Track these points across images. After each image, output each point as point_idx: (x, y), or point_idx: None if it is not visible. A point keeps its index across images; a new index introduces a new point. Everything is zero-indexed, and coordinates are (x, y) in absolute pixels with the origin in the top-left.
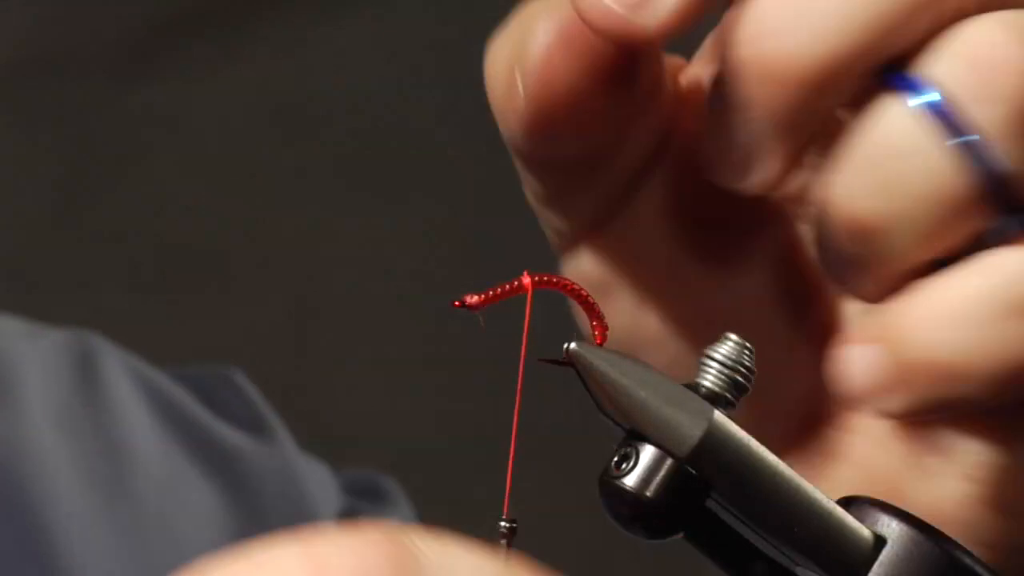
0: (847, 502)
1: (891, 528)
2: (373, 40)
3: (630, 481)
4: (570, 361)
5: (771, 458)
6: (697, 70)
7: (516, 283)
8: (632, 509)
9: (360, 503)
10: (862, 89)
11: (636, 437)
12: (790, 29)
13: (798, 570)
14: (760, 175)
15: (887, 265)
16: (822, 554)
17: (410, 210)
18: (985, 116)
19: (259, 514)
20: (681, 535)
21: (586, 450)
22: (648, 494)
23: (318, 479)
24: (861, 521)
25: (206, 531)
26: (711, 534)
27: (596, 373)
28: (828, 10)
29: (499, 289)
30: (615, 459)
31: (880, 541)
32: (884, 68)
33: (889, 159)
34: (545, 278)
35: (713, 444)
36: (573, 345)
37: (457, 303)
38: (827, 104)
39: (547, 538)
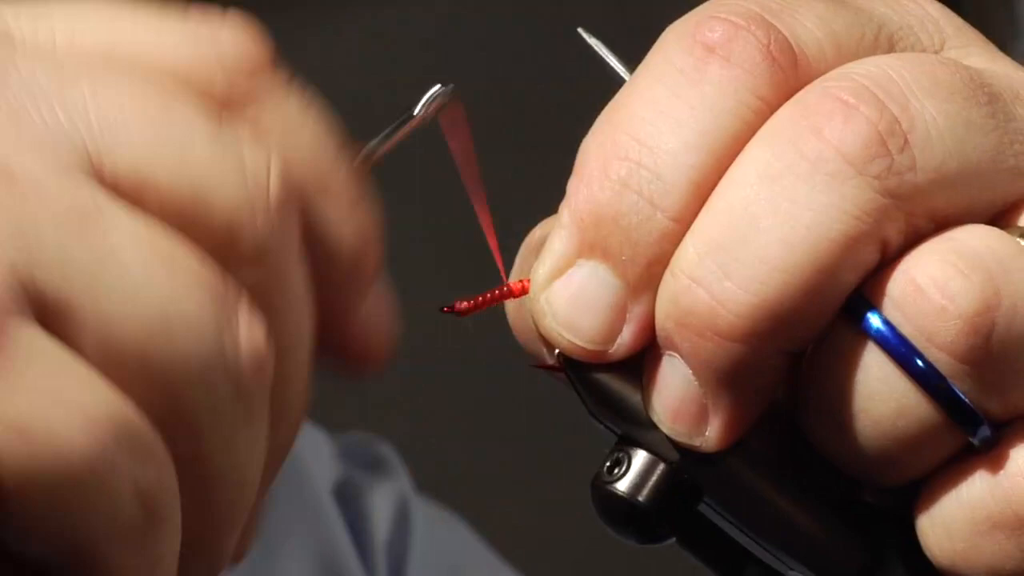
0: (841, 507)
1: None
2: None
3: (623, 486)
4: (561, 367)
5: (764, 463)
6: None
7: (506, 289)
8: (625, 514)
9: (356, 472)
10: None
11: (628, 442)
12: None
13: (790, 574)
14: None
15: (880, 483)
16: (814, 559)
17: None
18: (933, 357)
19: None
20: (674, 539)
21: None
22: (641, 499)
23: (313, 447)
24: (855, 525)
25: None
26: (703, 538)
27: (589, 378)
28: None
29: (488, 295)
30: (607, 464)
31: (874, 547)
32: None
33: (850, 394)
34: None
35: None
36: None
37: (446, 308)
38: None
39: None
